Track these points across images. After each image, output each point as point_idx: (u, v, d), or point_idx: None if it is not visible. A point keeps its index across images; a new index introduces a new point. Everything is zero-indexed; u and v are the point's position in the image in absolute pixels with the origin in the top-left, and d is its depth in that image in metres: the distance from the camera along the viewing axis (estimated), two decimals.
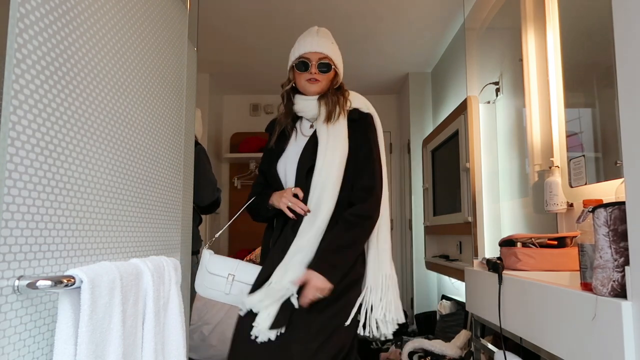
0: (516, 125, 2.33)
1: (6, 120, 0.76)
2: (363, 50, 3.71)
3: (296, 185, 1.60)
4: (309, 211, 1.53)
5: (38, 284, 0.77)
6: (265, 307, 1.43)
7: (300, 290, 1.44)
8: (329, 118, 1.59)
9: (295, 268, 1.46)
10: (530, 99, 2.12)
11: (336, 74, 1.68)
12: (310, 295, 1.42)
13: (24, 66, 0.79)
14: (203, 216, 2.62)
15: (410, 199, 4.13)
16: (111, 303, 0.91)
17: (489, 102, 2.59)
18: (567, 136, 1.85)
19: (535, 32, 2.11)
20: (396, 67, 4.09)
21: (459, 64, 3.26)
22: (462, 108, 2.63)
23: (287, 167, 1.64)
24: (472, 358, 2.13)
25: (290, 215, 1.56)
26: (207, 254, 1.70)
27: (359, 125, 1.62)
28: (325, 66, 1.62)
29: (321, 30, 1.68)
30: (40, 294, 0.83)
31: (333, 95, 1.64)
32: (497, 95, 2.53)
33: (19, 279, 0.78)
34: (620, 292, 0.95)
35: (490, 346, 1.73)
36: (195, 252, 2.48)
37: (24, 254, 0.79)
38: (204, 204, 2.45)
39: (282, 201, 1.58)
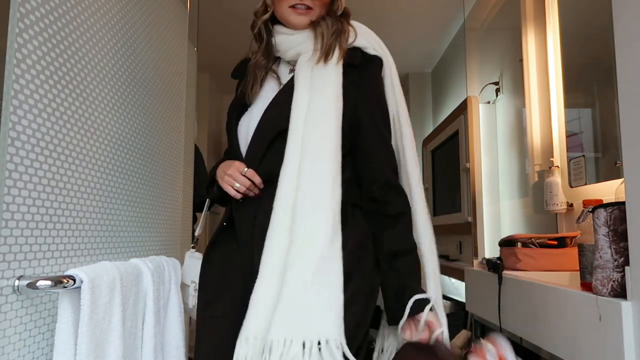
0: (516, 125, 2.33)
1: (6, 120, 0.76)
2: None
3: (248, 158, 1.07)
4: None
5: (38, 284, 0.77)
6: None
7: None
8: (326, 55, 1.07)
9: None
10: (530, 99, 2.12)
11: None
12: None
13: (24, 66, 0.79)
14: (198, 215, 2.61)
15: None
16: (111, 303, 0.91)
17: (489, 102, 2.59)
18: (567, 136, 1.85)
19: (535, 32, 2.11)
20: (396, 67, 4.09)
21: (459, 64, 3.26)
22: (462, 108, 2.63)
23: (249, 128, 1.10)
24: None
25: (239, 196, 1.06)
26: (186, 258, 1.30)
27: (361, 74, 1.12)
28: None
29: None
30: (40, 294, 0.83)
31: (335, 22, 1.11)
32: (497, 95, 2.53)
33: (19, 279, 0.78)
34: (620, 292, 0.95)
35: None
36: None
37: (24, 254, 0.79)
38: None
39: (225, 179, 1.06)
